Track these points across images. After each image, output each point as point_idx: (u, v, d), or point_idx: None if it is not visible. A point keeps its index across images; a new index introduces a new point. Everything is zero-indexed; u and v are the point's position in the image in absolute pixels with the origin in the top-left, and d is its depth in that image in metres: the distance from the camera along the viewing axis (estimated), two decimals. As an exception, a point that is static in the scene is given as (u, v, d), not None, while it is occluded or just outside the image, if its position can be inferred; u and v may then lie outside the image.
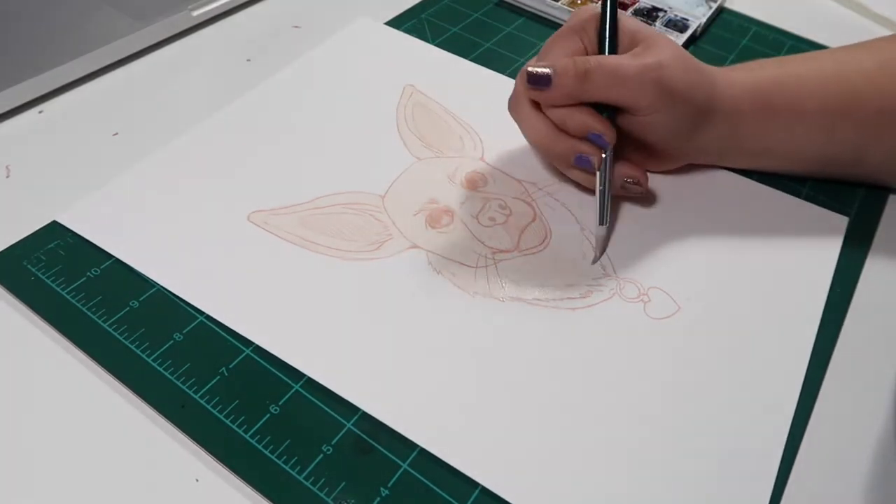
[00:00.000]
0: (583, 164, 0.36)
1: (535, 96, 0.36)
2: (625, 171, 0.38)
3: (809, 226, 0.39)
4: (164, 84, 0.45)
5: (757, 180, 0.41)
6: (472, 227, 0.37)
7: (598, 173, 0.36)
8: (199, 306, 0.33)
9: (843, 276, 0.37)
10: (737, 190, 0.41)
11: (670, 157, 0.40)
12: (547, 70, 0.35)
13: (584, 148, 0.36)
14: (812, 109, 0.38)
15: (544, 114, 0.37)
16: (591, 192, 0.37)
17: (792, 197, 0.41)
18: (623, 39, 0.37)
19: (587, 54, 0.37)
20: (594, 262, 0.36)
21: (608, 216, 0.36)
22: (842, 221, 0.40)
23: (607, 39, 0.37)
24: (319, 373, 0.31)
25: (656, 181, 0.41)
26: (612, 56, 0.36)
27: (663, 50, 0.35)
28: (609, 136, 0.35)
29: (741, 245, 0.38)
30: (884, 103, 0.37)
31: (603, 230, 0.36)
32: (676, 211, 0.39)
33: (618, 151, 0.38)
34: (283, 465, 0.28)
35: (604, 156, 0.36)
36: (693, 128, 0.37)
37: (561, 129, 0.37)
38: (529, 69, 0.35)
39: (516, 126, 0.41)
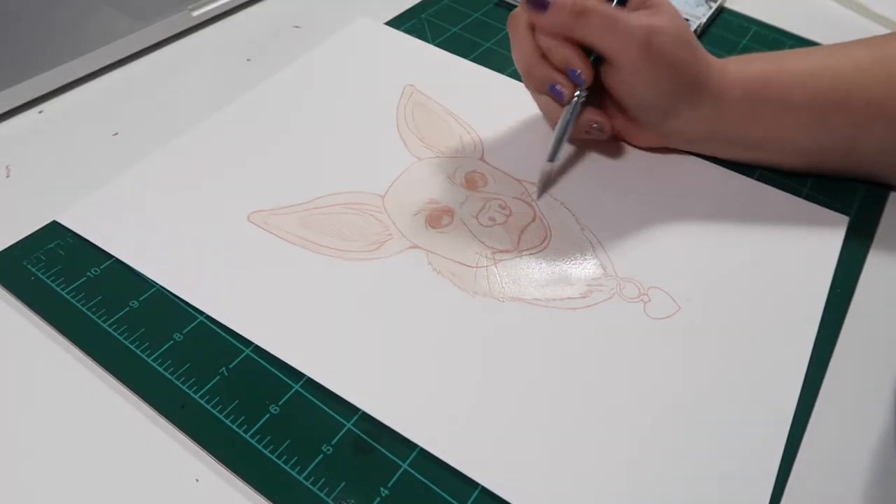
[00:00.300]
0: (555, 94, 0.38)
1: (531, 17, 0.38)
2: (591, 115, 0.39)
3: (810, 225, 0.39)
4: (164, 84, 0.45)
5: (757, 179, 0.41)
6: (472, 227, 0.37)
7: (564, 108, 0.38)
8: (199, 306, 0.33)
9: (844, 275, 0.37)
10: (737, 189, 0.41)
11: (650, 131, 0.41)
12: None
13: (561, 80, 0.38)
14: (802, 101, 0.38)
15: (535, 39, 0.38)
16: (553, 131, 0.39)
17: (792, 196, 0.41)
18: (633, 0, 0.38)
19: None
20: (537, 197, 0.39)
21: (558, 155, 0.38)
22: (842, 221, 0.40)
23: None
24: (319, 373, 0.31)
25: (657, 181, 0.41)
26: (612, 6, 0.37)
27: (665, 17, 0.36)
28: (586, 75, 0.37)
29: (741, 244, 0.38)
30: (875, 95, 0.38)
31: (549, 167, 0.38)
32: (676, 211, 0.39)
33: (594, 102, 0.40)
34: (283, 465, 0.28)
35: (576, 94, 0.37)
36: (673, 103, 0.38)
37: (544, 57, 0.38)
38: None
39: (516, 126, 0.42)
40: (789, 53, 0.40)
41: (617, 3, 0.38)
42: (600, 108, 0.40)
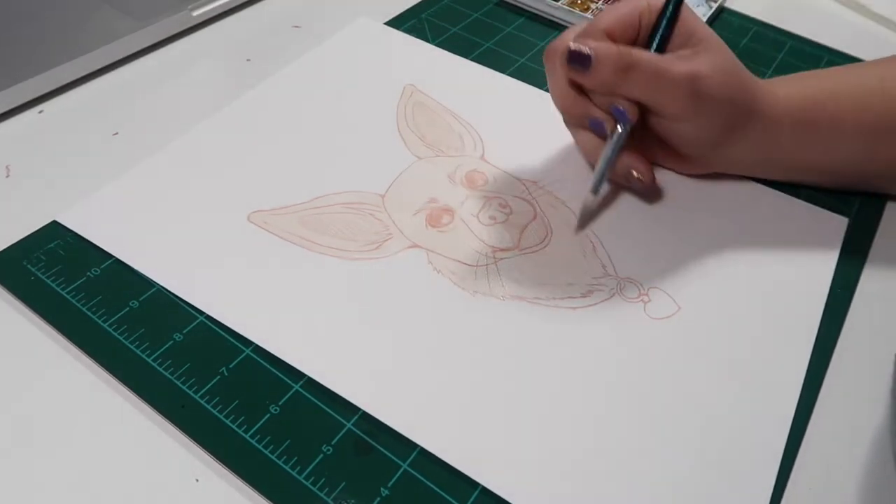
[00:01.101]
0: (595, 127, 0.36)
1: (573, 76, 0.36)
2: (634, 163, 0.37)
3: (809, 226, 0.39)
4: (164, 84, 0.45)
5: (757, 181, 0.41)
6: (472, 225, 0.37)
7: (608, 143, 0.36)
8: (199, 306, 0.33)
9: (843, 276, 0.37)
10: (737, 191, 0.41)
11: (698, 163, 0.40)
12: (588, 52, 0.34)
13: (601, 115, 0.36)
14: (852, 126, 0.37)
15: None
16: (592, 167, 0.37)
17: (792, 198, 0.41)
18: (677, 33, 0.36)
19: (638, 33, 0.37)
20: (577, 231, 0.37)
21: (602, 187, 0.37)
22: (842, 222, 0.40)
23: (659, 34, 0.36)
24: (319, 373, 0.31)
25: (657, 182, 0.41)
26: (657, 56, 0.35)
27: (709, 58, 0.35)
28: (632, 114, 0.35)
29: (741, 245, 0.38)
30: None
31: (592, 200, 0.37)
32: (677, 211, 0.39)
33: (639, 144, 0.38)
34: (283, 465, 0.28)
35: (619, 128, 0.36)
36: (721, 139, 0.37)
37: (583, 91, 0.36)
38: (572, 46, 0.34)
39: (517, 125, 0.41)
40: (838, 74, 0.39)
41: (658, 43, 0.36)
42: (642, 145, 0.39)
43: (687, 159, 0.40)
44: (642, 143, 0.39)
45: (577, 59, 0.34)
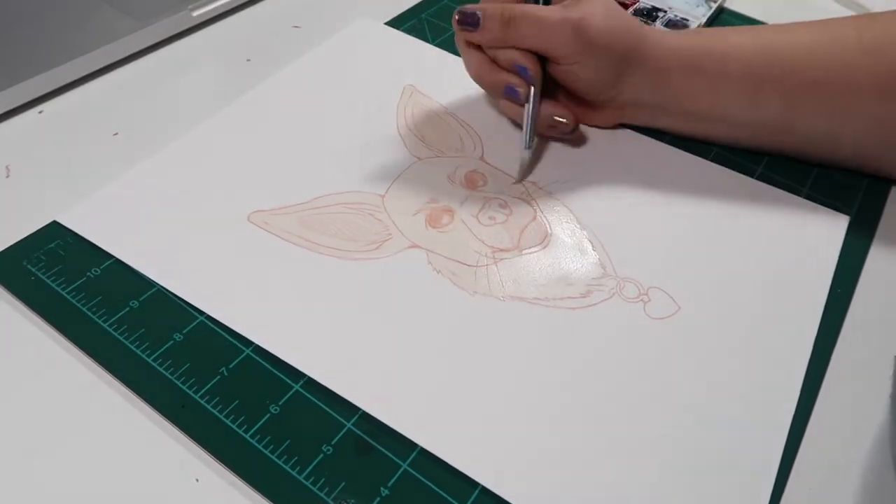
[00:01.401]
0: (511, 95, 0.39)
1: (466, 37, 0.39)
2: (552, 108, 0.40)
3: (810, 225, 0.39)
4: (164, 84, 0.45)
5: (757, 179, 0.41)
6: (472, 226, 0.37)
7: (526, 106, 0.39)
8: (199, 306, 0.33)
9: (844, 275, 0.37)
10: (738, 189, 0.41)
11: (601, 110, 0.42)
12: (476, 12, 0.38)
13: (514, 80, 0.39)
14: (737, 73, 0.39)
15: (481, 49, 0.40)
16: (520, 126, 0.40)
17: (793, 196, 0.41)
18: None
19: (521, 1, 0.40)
20: (516, 182, 0.40)
21: (533, 140, 0.39)
22: (843, 220, 0.40)
23: None
24: (319, 373, 0.31)
25: (658, 182, 0.41)
26: (538, 6, 0.38)
27: (589, 5, 0.38)
28: (533, 70, 0.38)
29: (741, 244, 0.38)
30: (811, 75, 0.38)
31: (527, 154, 0.40)
32: (677, 210, 0.39)
33: (549, 96, 0.41)
34: (283, 465, 0.28)
35: (532, 89, 0.39)
36: (614, 79, 0.39)
37: (494, 63, 0.40)
38: (459, 9, 0.39)
39: (516, 126, 0.41)
40: (735, 29, 0.41)
41: (543, 2, 0.39)
42: (557, 102, 0.42)
43: (593, 108, 0.42)
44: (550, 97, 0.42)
45: (466, 21, 0.38)
